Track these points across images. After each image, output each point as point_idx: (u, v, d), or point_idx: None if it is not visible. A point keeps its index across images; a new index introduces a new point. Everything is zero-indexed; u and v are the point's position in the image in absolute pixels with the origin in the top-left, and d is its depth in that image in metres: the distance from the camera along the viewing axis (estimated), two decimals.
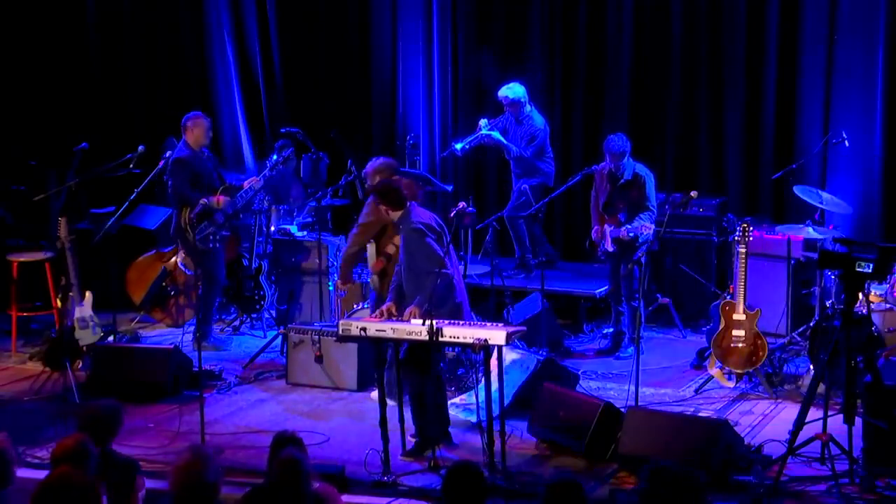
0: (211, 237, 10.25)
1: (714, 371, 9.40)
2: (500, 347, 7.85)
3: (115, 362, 9.62)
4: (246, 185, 10.50)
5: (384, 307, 8.36)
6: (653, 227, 9.85)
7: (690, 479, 5.60)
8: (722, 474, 7.52)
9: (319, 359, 9.57)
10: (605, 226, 10.11)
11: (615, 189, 10.06)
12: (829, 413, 7.81)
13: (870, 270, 7.50)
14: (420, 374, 8.25)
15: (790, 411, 8.64)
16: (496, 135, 11.19)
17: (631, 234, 9.92)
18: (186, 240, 10.34)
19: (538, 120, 11.18)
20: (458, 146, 11.34)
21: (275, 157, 10.74)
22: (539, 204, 10.63)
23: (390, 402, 8.24)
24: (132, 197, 10.75)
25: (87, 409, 6.72)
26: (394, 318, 8.22)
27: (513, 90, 11.08)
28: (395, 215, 8.43)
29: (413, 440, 8.30)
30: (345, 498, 7.37)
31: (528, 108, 11.13)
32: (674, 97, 11.67)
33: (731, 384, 9.37)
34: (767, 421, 8.78)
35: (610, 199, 10.11)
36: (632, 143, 10.05)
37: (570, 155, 11.96)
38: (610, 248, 10.10)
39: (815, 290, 9.84)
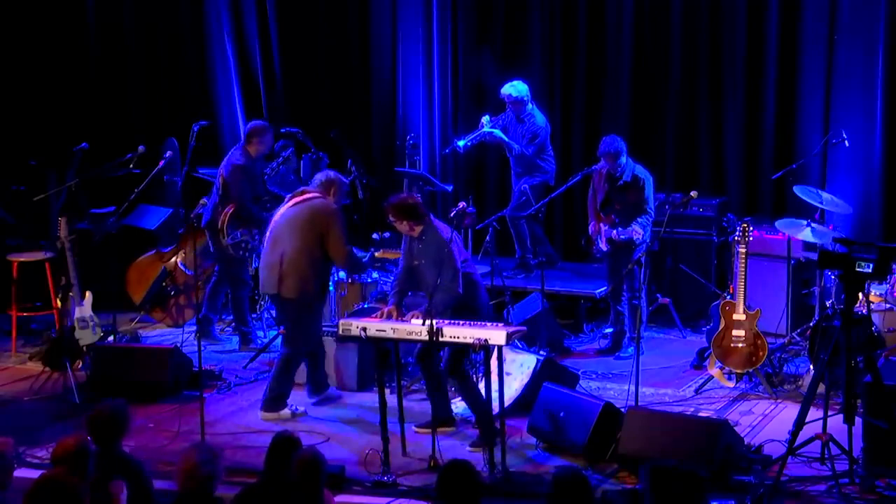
0: (243, 245, 10.29)
1: (714, 371, 9.40)
2: (500, 347, 7.86)
3: (115, 362, 9.62)
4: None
5: (385, 309, 8.36)
6: (643, 231, 9.86)
7: (692, 477, 5.61)
8: (722, 474, 7.51)
9: None
10: (602, 225, 10.12)
11: (613, 189, 10.07)
12: (829, 413, 7.81)
13: (870, 270, 7.50)
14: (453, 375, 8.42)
15: (790, 411, 8.65)
16: (498, 133, 11.19)
17: (622, 238, 9.93)
18: (219, 240, 10.34)
19: (540, 118, 11.18)
20: (461, 143, 11.34)
21: (278, 163, 10.82)
22: (539, 204, 10.64)
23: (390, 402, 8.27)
24: (132, 197, 10.75)
25: (95, 410, 6.72)
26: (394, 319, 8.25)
27: (516, 88, 11.09)
28: (418, 230, 8.40)
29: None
30: (345, 498, 7.40)
31: (530, 106, 11.13)
32: (674, 97, 11.67)
33: (731, 384, 9.37)
34: (767, 421, 8.78)
35: (607, 199, 10.12)
36: (628, 144, 10.06)
37: (570, 155, 11.96)
38: (604, 248, 10.12)
39: (815, 290, 9.84)
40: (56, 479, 5.82)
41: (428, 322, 7.76)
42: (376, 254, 9.73)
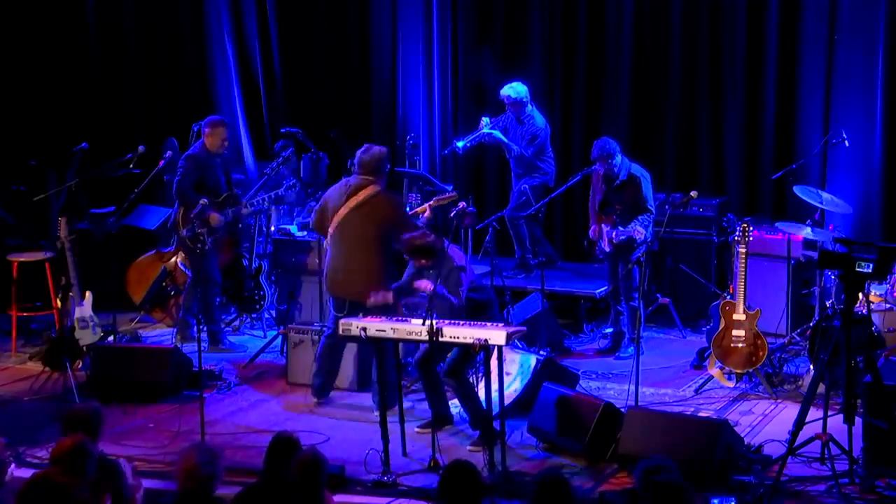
0: (201, 237, 10.26)
1: (714, 371, 9.40)
2: (500, 347, 7.86)
3: (115, 362, 9.62)
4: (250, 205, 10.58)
5: (381, 293, 8.44)
6: (644, 231, 9.85)
7: (680, 488, 5.65)
8: (722, 474, 7.52)
9: None
10: (602, 226, 10.12)
11: (610, 190, 10.07)
12: (829, 413, 7.81)
13: (870, 270, 7.50)
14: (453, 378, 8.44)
15: (790, 411, 8.65)
16: (497, 134, 11.19)
17: (622, 238, 9.93)
18: (181, 236, 10.36)
19: (539, 120, 11.18)
20: (460, 144, 11.34)
21: (278, 163, 10.84)
22: (539, 204, 10.64)
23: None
24: (132, 197, 10.75)
25: (68, 411, 6.75)
26: (393, 316, 8.25)
27: (515, 89, 11.08)
28: (431, 261, 8.46)
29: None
30: (345, 498, 7.39)
31: (529, 107, 11.13)
32: (674, 97, 11.67)
33: (731, 384, 9.37)
34: (767, 421, 8.78)
35: (605, 200, 10.12)
36: (628, 144, 10.06)
37: (569, 155, 11.96)
38: (606, 248, 10.12)
39: (815, 290, 9.84)
40: (47, 478, 5.82)
41: (428, 322, 7.77)
42: (432, 202, 9.62)
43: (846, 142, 10.42)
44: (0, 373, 10.22)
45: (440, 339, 7.79)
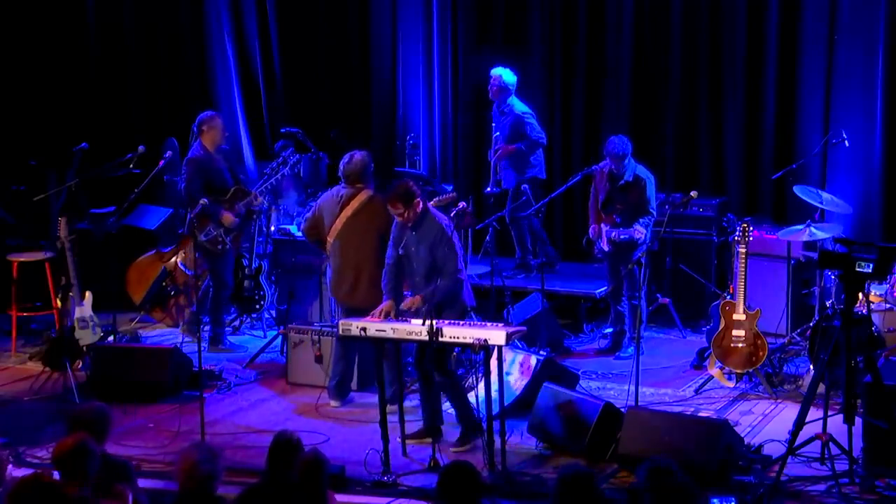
0: (219, 238, 10.27)
1: (714, 371, 9.40)
2: (500, 347, 7.85)
3: (115, 362, 9.62)
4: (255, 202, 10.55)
5: (382, 307, 8.34)
6: (644, 231, 9.86)
7: (687, 488, 5.64)
8: (722, 474, 7.52)
9: (319, 359, 9.58)
10: (602, 225, 10.12)
11: (614, 189, 10.07)
12: (829, 413, 7.81)
13: (870, 270, 7.50)
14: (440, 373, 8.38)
15: (790, 411, 8.65)
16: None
17: (623, 238, 9.93)
18: (199, 241, 10.35)
19: (520, 106, 11.15)
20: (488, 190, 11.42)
21: (278, 163, 10.82)
22: (539, 204, 10.64)
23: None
24: (132, 197, 10.75)
25: (75, 412, 6.73)
26: (392, 318, 8.23)
27: (507, 74, 11.10)
28: (410, 215, 8.32)
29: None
30: (345, 498, 7.39)
31: (511, 97, 11.11)
32: (674, 97, 11.67)
33: (731, 384, 9.37)
34: (767, 421, 8.78)
35: (608, 199, 10.12)
36: (632, 144, 10.05)
37: (570, 155, 11.97)
38: (606, 248, 10.12)
39: (815, 290, 9.84)
40: (38, 479, 5.81)
41: (428, 322, 7.76)
42: (432, 203, 9.64)
43: (846, 142, 10.42)
44: (0, 373, 10.22)
45: (440, 339, 7.79)
